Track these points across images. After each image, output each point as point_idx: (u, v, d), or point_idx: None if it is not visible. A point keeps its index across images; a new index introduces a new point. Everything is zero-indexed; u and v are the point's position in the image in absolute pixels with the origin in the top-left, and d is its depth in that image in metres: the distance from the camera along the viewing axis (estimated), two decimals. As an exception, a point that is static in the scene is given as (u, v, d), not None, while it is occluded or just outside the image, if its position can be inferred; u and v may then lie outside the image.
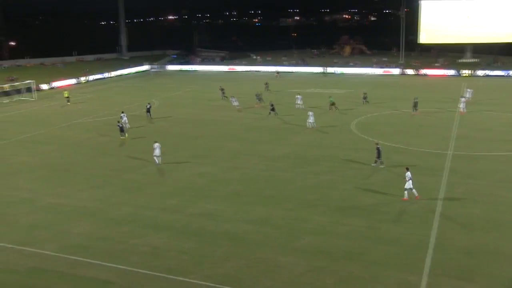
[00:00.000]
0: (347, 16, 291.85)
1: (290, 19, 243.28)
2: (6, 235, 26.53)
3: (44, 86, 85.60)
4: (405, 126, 49.52)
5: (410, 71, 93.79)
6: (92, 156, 41.69)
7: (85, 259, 23.67)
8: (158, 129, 50.96)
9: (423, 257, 23.02)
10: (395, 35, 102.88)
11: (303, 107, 59.15)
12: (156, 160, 38.69)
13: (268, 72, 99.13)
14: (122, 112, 52.26)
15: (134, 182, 34.82)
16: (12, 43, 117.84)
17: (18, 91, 76.49)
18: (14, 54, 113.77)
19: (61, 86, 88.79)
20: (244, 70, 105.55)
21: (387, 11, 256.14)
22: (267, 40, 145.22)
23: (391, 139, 43.93)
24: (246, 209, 29.22)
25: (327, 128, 49.02)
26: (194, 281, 21.59)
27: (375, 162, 36.43)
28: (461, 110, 54.49)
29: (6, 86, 77.20)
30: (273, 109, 55.53)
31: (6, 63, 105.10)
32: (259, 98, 62.76)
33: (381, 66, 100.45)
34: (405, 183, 29.90)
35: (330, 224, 26.90)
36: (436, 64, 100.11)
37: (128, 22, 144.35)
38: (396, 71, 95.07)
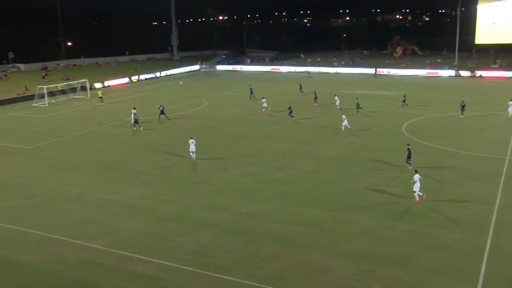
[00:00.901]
0: (399, 17, 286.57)
1: (340, 20, 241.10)
2: (60, 228, 27.47)
3: (98, 85, 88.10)
4: (457, 129, 48.21)
5: (465, 73, 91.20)
6: (141, 154, 42.57)
7: (133, 255, 24.21)
8: (207, 128, 51.53)
9: (476, 266, 22.31)
10: (449, 36, 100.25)
11: (340, 107, 59.03)
12: (192, 156, 39.59)
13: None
14: (134, 109, 54.20)
15: (182, 180, 35.34)
16: (69, 43, 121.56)
17: (73, 90, 79.06)
18: (70, 54, 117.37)
19: (114, 85, 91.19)
20: (295, 70, 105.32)
21: (442, 11, 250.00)
22: (317, 41, 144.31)
23: (442, 143, 42.88)
24: (293, 210, 29.17)
25: (377, 130, 48.31)
26: (239, 280, 21.71)
27: (409, 164, 35.85)
28: (510, 115, 52.34)
29: (62, 85, 79.89)
30: (290, 112, 54.26)
31: (63, 63, 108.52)
32: (315, 97, 62.56)
33: (434, 67, 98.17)
34: (413, 185, 29.63)
35: (377, 228, 26.51)
36: (493, 66, 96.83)
37: (180, 22, 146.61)
38: (450, 72, 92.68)
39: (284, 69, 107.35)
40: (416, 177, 29.76)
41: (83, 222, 28.44)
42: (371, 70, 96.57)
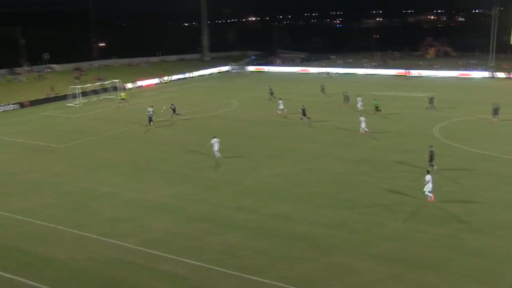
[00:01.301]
0: (432, 17, 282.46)
1: (372, 21, 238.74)
2: (91, 227, 27.91)
3: (129, 85, 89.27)
4: (491, 132, 47.22)
5: (501, 74, 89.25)
6: (172, 154, 42.94)
7: (163, 254, 24.41)
8: (236, 129, 51.68)
9: (511, 272, 21.80)
10: (483, 37, 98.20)
11: (362, 108, 58.58)
12: (216, 155, 40.03)
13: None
14: (151, 107, 55.88)
15: (211, 180, 35.51)
16: (101, 44, 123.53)
17: (105, 90, 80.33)
18: (103, 54, 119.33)
19: (145, 86, 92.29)
20: (318, 71, 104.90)
21: (476, 11, 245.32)
22: (348, 42, 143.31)
23: (476, 145, 42.05)
24: (322, 212, 29.01)
25: (408, 132, 47.69)
26: (267, 281, 21.68)
27: (431, 165, 35.34)
28: None
29: (95, 86, 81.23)
30: (304, 114, 53.20)
31: (96, 63, 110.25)
32: (345, 97, 62.22)
33: (467, 68, 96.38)
34: (425, 185, 29.63)
35: (408, 231, 26.14)
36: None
37: (210, 23, 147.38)
38: (483, 74, 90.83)
39: (314, 70, 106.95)
40: (428, 177, 29.72)
41: (113, 220, 28.84)
42: (402, 72, 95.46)
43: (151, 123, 54.21)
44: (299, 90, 77.75)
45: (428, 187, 29.72)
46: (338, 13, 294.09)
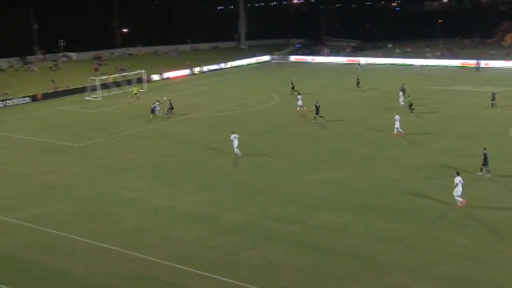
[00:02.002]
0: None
1: (436, 3, 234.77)
2: (111, 237, 28.38)
3: (155, 77, 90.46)
4: None
5: None
6: (203, 156, 43.29)
7: (192, 269, 24.61)
8: (278, 127, 51.73)
9: None
10: None
11: (403, 104, 58.52)
12: (236, 152, 41.68)
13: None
14: (158, 101, 59.93)
15: (248, 186, 35.66)
16: (124, 30, 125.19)
17: (128, 82, 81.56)
18: (126, 42, 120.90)
19: (173, 77, 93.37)
20: (378, 62, 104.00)
21: None
22: (408, 28, 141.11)
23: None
24: (376, 225, 28.74)
25: (479, 134, 46.75)
26: (312, 303, 21.62)
27: (481, 170, 35.33)
28: None
29: (116, 77, 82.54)
30: (317, 112, 53.04)
31: (117, 52, 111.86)
32: (402, 90, 61.69)
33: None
34: (454, 189, 30.31)
35: (477, 249, 25.63)
36: None
37: (248, 7, 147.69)
38: None
39: (368, 60, 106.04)
40: (458, 179, 30.35)
41: (136, 230, 29.26)
42: (472, 62, 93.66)
43: (151, 116, 57.81)
44: (339, 84, 77.12)
45: (458, 191, 30.31)
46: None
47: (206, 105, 64.39)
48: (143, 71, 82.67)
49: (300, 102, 58.55)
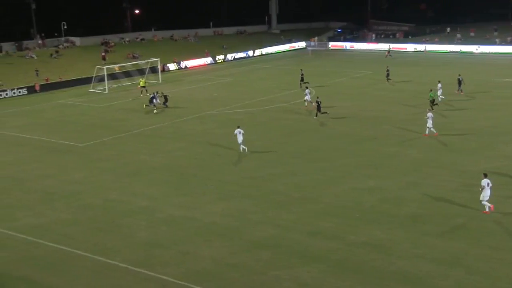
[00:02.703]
0: None
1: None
2: (120, 252, 28.61)
3: (171, 66, 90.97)
4: None
5: None
6: (227, 158, 43.45)
7: (212, 291, 24.80)
8: (314, 126, 51.68)
9: None
10: None
11: (443, 98, 59.36)
12: (241, 149, 42.77)
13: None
14: (157, 92, 62.25)
15: (279, 194, 35.69)
16: (136, 11, 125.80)
17: (140, 72, 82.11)
18: (138, 25, 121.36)
19: (193, 66, 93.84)
20: (432, 50, 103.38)
21: None
22: (471, 9, 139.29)
23: None
24: (429, 242, 28.53)
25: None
26: (353, 334, 21.59)
27: None
28: None
29: (126, 66, 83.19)
30: (319, 109, 54.01)
31: (128, 36, 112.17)
32: (460, 83, 61.39)
33: None
34: (481, 193, 31.46)
35: (553, 274, 25.32)
36: None
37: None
38: None
39: (417, 47, 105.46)
40: (485, 182, 31.46)
41: (149, 244, 29.44)
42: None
43: (151, 106, 60.18)
44: (379, 76, 76.75)
45: (485, 195, 31.36)
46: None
47: (230, 100, 64.56)
48: (157, 59, 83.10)
49: (308, 97, 59.14)
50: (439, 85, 60.65)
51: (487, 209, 31.41)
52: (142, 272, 26.52)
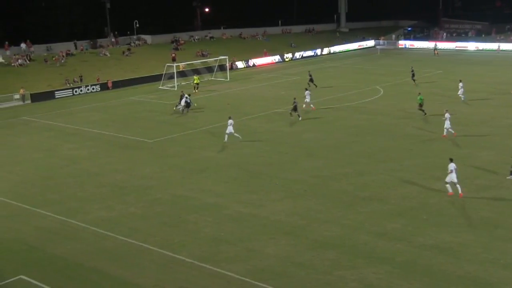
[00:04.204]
0: None
1: None
2: (186, 247, 28.96)
3: (240, 64, 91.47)
4: None
5: None
6: (295, 157, 43.44)
7: (277, 289, 24.81)
8: (381, 126, 51.19)
9: None
10: None
11: (463, 98, 59.29)
12: (227, 136, 46.28)
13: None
14: (187, 94, 61.02)
15: (346, 194, 35.48)
16: (206, 10, 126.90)
17: (209, 69, 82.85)
18: (208, 23, 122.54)
19: (261, 65, 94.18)
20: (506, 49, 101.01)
21: None
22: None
23: None
24: (502, 247, 27.83)
25: None
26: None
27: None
28: None
29: (195, 63, 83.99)
30: (295, 109, 53.86)
31: (198, 35, 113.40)
32: None
33: None
34: (447, 176, 33.73)
35: None
36: None
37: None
38: None
39: (484, 46, 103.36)
40: (451, 166, 33.75)
41: (215, 240, 29.69)
42: None
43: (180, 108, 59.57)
44: (456, 76, 75.13)
45: (450, 177, 33.88)
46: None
47: (298, 98, 64.42)
48: (225, 57, 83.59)
49: (308, 99, 58.78)
50: (461, 84, 59.96)
51: (450, 190, 34.14)
52: (207, 268, 26.77)
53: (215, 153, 45.15)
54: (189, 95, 60.94)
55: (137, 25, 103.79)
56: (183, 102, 59.38)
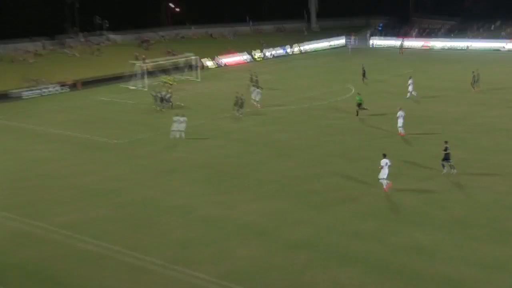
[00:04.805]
0: None
1: None
2: (156, 249, 28.82)
3: (209, 63, 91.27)
4: None
5: None
6: (267, 157, 43.46)
7: (249, 291, 24.78)
8: (353, 125, 51.37)
9: None
10: None
11: (415, 94, 60.06)
12: (177, 135, 47.75)
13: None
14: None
15: (319, 195, 35.55)
16: (176, 9, 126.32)
17: (179, 69, 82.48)
18: (178, 22, 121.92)
19: (230, 63, 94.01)
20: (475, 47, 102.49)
21: None
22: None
23: None
24: (474, 246, 28.11)
25: None
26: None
27: (450, 166, 37.48)
28: None
29: (164, 63, 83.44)
30: (240, 105, 55.51)
31: (167, 34, 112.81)
32: (475, 78, 61.91)
33: None
34: (380, 171, 34.55)
35: None
36: None
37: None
38: None
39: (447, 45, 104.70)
40: (384, 162, 34.45)
41: (185, 242, 29.58)
42: None
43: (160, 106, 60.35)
44: (428, 75, 75.72)
45: (383, 173, 34.52)
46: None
47: (269, 98, 64.42)
48: (194, 56, 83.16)
49: (254, 95, 60.10)
50: (410, 80, 61.20)
51: (385, 186, 34.88)
52: (179, 270, 26.68)
53: (185, 153, 44.99)
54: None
55: (107, 25, 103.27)
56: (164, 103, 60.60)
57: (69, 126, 54.93)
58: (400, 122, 46.89)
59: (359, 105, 54.49)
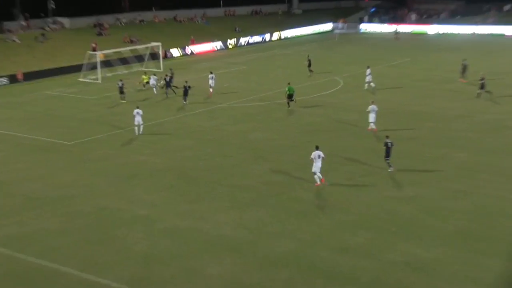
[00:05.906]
0: None
1: None
2: (112, 268, 28.50)
3: (176, 52, 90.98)
4: None
5: None
6: (242, 160, 43.43)
7: (222, 316, 24.71)
8: (340, 124, 51.51)
9: None
10: None
11: (373, 85, 62.44)
12: (136, 131, 49.27)
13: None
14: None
15: (302, 203, 35.54)
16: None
17: (139, 58, 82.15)
18: (137, 4, 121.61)
19: (200, 52, 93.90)
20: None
21: None
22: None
23: None
24: (480, 262, 28.26)
25: None
26: None
27: (388, 164, 39.57)
28: None
29: (123, 51, 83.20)
30: (185, 93, 59.57)
31: (125, 18, 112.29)
32: (463, 68, 63.73)
33: None
34: (312, 165, 36.74)
35: None
36: None
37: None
38: None
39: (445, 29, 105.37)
40: (315, 154, 36.68)
41: (147, 260, 29.31)
42: None
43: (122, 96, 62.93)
44: (424, 65, 76.28)
45: (316, 167, 36.83)
46: None
47: (244, 91, 64.55)
48: (158, 44, 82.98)
49: (211, 82, 62.83)
50: (368, 70, 62.81)
51: (318, 182, 36.84)
52: (140, 293, 26.47)
53: (148, 156, 44.81)
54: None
55: (53, 6, 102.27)
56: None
57: (10, 125, 54.50)
58: (371, 117, 47.97)
59: (290, 96, 55.97)
